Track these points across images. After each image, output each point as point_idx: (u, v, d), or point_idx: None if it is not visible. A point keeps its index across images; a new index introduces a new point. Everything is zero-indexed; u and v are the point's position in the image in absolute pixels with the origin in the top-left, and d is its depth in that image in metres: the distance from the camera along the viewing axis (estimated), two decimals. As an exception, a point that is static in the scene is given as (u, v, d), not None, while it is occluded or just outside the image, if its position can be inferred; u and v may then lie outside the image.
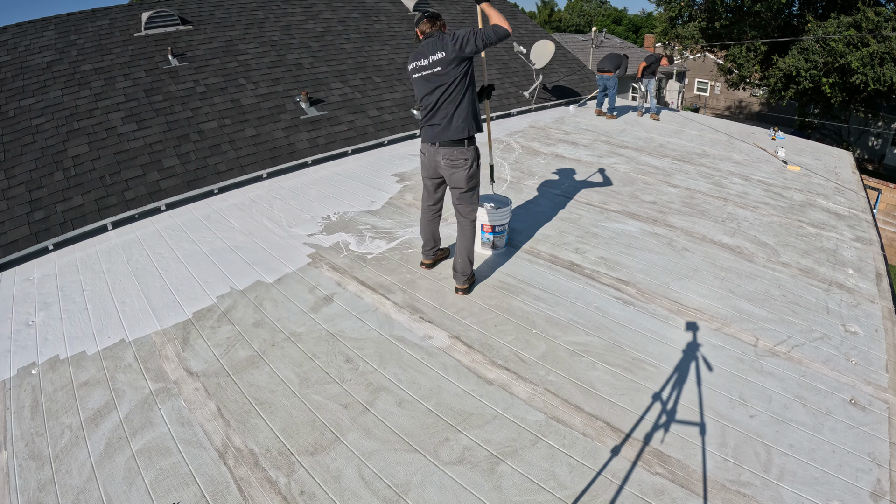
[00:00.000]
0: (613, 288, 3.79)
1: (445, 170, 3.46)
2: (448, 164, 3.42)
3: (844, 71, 15.68)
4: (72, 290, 3.90)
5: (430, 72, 3.31)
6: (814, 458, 2.37)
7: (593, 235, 4.64)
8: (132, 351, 3.16)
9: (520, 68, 10.87)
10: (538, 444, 2.44)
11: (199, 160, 5.92)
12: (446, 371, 2.94)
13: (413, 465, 2.33)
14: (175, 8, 8.19)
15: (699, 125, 9.79)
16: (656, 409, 2.65)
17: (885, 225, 13.14)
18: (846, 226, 5.18)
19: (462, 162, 3.40)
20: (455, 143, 3.36)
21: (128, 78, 6.63)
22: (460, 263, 3.63)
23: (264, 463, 2.35)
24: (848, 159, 8.18)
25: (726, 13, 19.23)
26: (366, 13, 10.32)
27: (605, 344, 3.16)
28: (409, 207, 5.18)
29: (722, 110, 32.31)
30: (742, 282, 3.93)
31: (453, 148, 3.37)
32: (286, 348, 3.15)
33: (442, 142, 3.37)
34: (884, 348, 3.22)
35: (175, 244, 4.56)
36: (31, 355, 3.18)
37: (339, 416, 2.62)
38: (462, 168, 3.41)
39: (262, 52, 8.04)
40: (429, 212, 3.80)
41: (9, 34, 6.89)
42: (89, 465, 2.36)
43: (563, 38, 29.02)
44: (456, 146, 3.36)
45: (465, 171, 3.42)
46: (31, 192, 4.96)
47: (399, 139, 7.61)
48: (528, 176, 6.20)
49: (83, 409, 2.71)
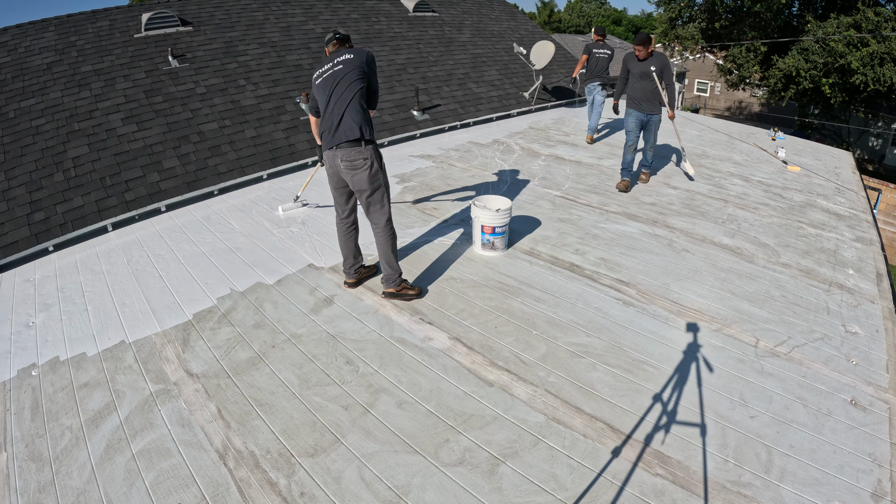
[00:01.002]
0: (614, 289, 3.79)
1: (346, 173, 3.33)
2: (347, 166, 3.30)
3: (844, 71, 15.68)
4: (72, 292, 3.90)
5: (329, 73, 3.31)
6: (814, 458, 2.37)
7: (593, 237, 4.64)
8: (132, 352, 3.16)
9: (520, 69, 10.87)
10: (539, 445, 2.44)
11: (200, 161, 5.92)
12: (446, 372, 2.94)
13: (413, 466, 2.33)
14: (175, 9, 8.19)
15: (699, 125, 9.79)
16: (657, 411, 2.65)
17: (885, 225, 13.13)
18: (846, 226, 5.17)
19: (361, 162, 3.28)
20: (352, 144, 3.26)
21: (128, 79, 6.63)
22: (384, 269, 3.57)
23: (265, 464, 2.35)
24: (848, 159, 8.18)
25: (726, 14, 19.23)
26: (366, 14, 10.32)
27: (605, 345, 3.16)
28: (410, 208, 5.18)
29: (722, 111, 32.31)
30: (742, 283, 3.92)
31: (350, 148, 3.26)
32: (286, 350, 3.15)
33: (338, 144, 3.27)
34: (884, 348, 3.22)
35: (175, 245, 4.55)
36: (31, 356, 3.18)
37: (340, 417, 2.62)
38: (362, 169, 3.29)
39: (262, 53, 8.04)
40: (343, 225, 3.66)
41: (9, 35, 6.89)
42: (89, 467, 2.36)
43: (563, 38, 29.04)
44: (353, 146, 3.26)
45: (365, 171, 3.29)
46: (32, 194, 4.96)
47: (399, 140, 7.61)
48: (529, 177, 6.20)
49: (83, 411, 2.71)
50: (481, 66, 10.41)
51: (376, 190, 3.37)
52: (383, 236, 3.48)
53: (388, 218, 3.47)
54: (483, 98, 9.40)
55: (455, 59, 10.23)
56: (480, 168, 6.48)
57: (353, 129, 3.25)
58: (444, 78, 9.45)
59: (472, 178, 6.10)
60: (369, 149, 3.29)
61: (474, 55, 10.67)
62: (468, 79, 9.76)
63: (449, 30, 11.15)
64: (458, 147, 7.41)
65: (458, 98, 9.05)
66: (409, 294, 3.62)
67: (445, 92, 9.07)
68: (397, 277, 3.57)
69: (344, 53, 3.33)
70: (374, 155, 3.32)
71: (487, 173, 6.30)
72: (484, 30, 11.89)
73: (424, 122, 8.08)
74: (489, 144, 7.61)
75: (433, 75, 9.39)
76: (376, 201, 3.41)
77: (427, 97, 8.67)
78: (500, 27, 12.42)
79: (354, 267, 3.78)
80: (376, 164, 3.33)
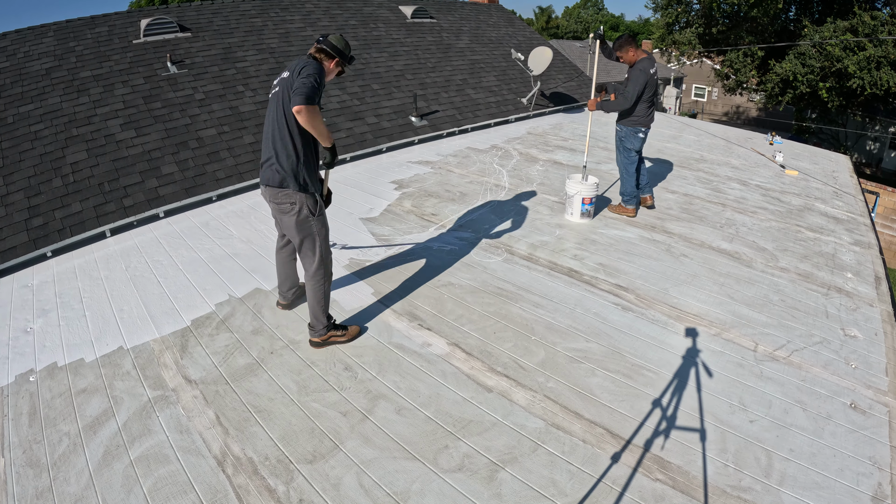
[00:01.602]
0: (612, 294, 3.79)
1: (276, 215, 3.05)
2: (274, 208, 2.99)
3: (841, 75, 15.76)
4: (70, 297, 3.89)
5: (273, 91, 2.92)
6: (814, 462, 2.37)
7: (592, 242, 4.64)
8: (130, 358, 3.15)
9: (518, 75, 10.91)
10: (538, 451, 2.44)
11: (198, 167, 5.92)
12: (445, 378, 2.93)
13: (412, 472, 2.32)
14: (174, 15, 8.21)
15: (697, 130, 9.82)
16: (656, 416, 2.65)
17: (883, 228, 13.17)
18: (844, 230, 5.18)
19: (288, 207, 2.93)
20: (279, 187, 2.89)
21: (126, 85, 6.64)
22: (310, 317, 3.17)
23: (263, 471, 2.34)
24: (846, 163, 8.20)
25: (723, 19, 19.34)
26: (364, 20, 10.36)
27: (604, 350, 3.16)
28: (408, 214, 5.18)
29: (720, 115, 32.43)
30: (741, 287, 3.93)
31: (277, 189, 2.89)
32: (285, 356, 3.15)
33: (266, 182, 2.92)
34: (883, 352, 3.22)
35: (173, 251, 4.55)
36: (29, 362, 3.17)
37: (338, 423, 2.62)
38: (289, 213, 2.94)
39: (260, 59, 8.05)
40: (281, 254, 3.39)
41: (8, 40, 6.90)
42: (87, 473, 2.35)
43: (560, 44, 29.13)
44: (281, 188, 2.89)
45: (292, 216, 2.95)
46: (30, 199, 4.95)
47: (397, 146, 7.62)
48: (527, 182, 6.21)
49: (81, 417, 2.70)
50: (479, 72, 10.44)
51: (305, 238, 3.03)
52: (311, 284, 3.09)
53: (317, 266, 3.08)
54: (481, 104, 9.42)
55: (453, 65, 10.26)
56: (479, 174, 6.48)
57: (275, 175, 2.87)
58: (442, 84, 9.48)
59: (471, 183, 6.11)
60: (299, 194, 2.90)
61: (472, 61, 10.70)
62: (466, 85, 9.78)
63: (447, 36, 11.18)
64: (457, 153, 7.42)
65: (457, 104, 9.07)
66: (339, 339, 3.23)
67: (444, 98, 9.09)
68: (322, 329, 3.17)
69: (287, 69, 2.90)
70: (305, 200, 2.93)
71: (486, 179, 6.31)
72: (482, 36, 11.93)
73: (423, 128, 8.09)
74: (487, 150, 7.62)
75: (431, 81, 9.41)
76: (306, 249, 3.06)
77: (425, 103, 8.69)
78: (498, 33, 12.46)
79: (291, 290, 3.56)
80: (305, 210, 2.95)
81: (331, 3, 10.58)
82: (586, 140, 5.31)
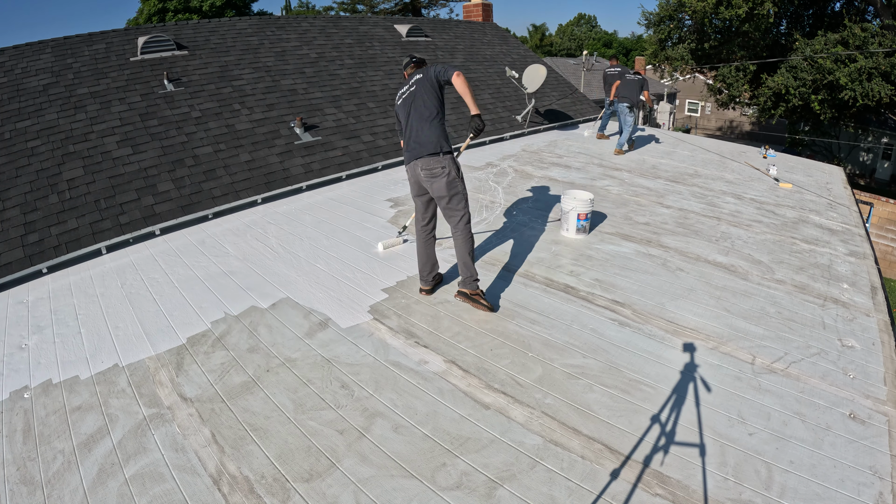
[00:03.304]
0: (609, 310, 3.79)
1: (427, 181, 3.64)
2: (427, 174, 3.61)
3: (833, 87, 15.93)
4: (65, 314, 3.87)
5: (408, 93, 3.69)
6: (815, 473, 2.35)
7: (588, 258, 4.65)
8: (125, 376, 3.13)
9: (512, 93, 11.00)
10: (536, 467, 2.42)
11: (194, 185, 5.93)
12: (442, 396, 2.92)
13: (410, 490, 2.30)
14: (171, 33, 8.28)
15: (691, 146, 9.89)
16: (655, 430, 2.63)
17: (877, 238, 13.23)
18: (839, 241, 5.21)
19: (440, 170, 3.58)
20: (431, 154, 3.58)
21: (123, 102, 6.67)
22: (461, 271, 3.75)
23: (259, 490, 2.31)
24: (839, 175, 8.26)
25: (715, 34, 19.57)
26: (360, 39, 10.46)
27: (601, 366, 3.15)
28: (404, 232, 5.18)
29: (713, 130, 32.68)
30: (737, 300, 3.93)
31: (429, 158, 3.58)
32: (281, 374, 3.13)
33: (419, 156, 3.61)
34: (881, 361, 3.22)
35: (169, 269, 4.54)
36: (23, 379, 3.14)
37: (335, 442, 2.59)
38: (440, 176, 3.59)
39: (256, 77, 8.11)
40: (423, 233, 3.88)
41: (5, 56, 6.94)
42: (81, 491, 2.32)
43: (554, 62, 29.41)
44: (432, 156, 3.58)
45: (443, 178, 3.59)
46: (26, 215, 4.95)
47: (392, 164, 7.65)
48: (522, 200, 6.23)
49: (76, 434, 2.67)
50: (474, 89, 10.52)
51: (454, 196, 3.64)
52: (461, 238, 3.67)
53: (466, 221, 3.68)
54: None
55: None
56: (474, 191, 6.51)
57: (431, 142, 3.59)
58: (437, 100, 9.53)
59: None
60: (447, 158, 3.60)
61: (467, 79, 10.77)
62: (461, 103, 9.85)
63: (442, 54, 11.29)
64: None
65: (452, 122, 9.13)
66: (482, 304, 3.72)
67: (439, 114, 9.14)
68: (472, 281, 3.72)
69: (416, 75, 3.69)
70: (452, 164, 3.62)
71: (481, 196, 6.33)
72: (476, 54, 12.05)
73: (419, 144, 8.12)
74: (483, 167, 7.66)
75: (427, 97, 9.46)
76: (454, 204, 3.65)
77: (421, 119, 8.73)
78: (493, 51, 12.59)
79: (432, 274, 3.96)
80: (453, 172, 3.62)
81: (326, 22, 10.69)
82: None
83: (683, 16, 19.52)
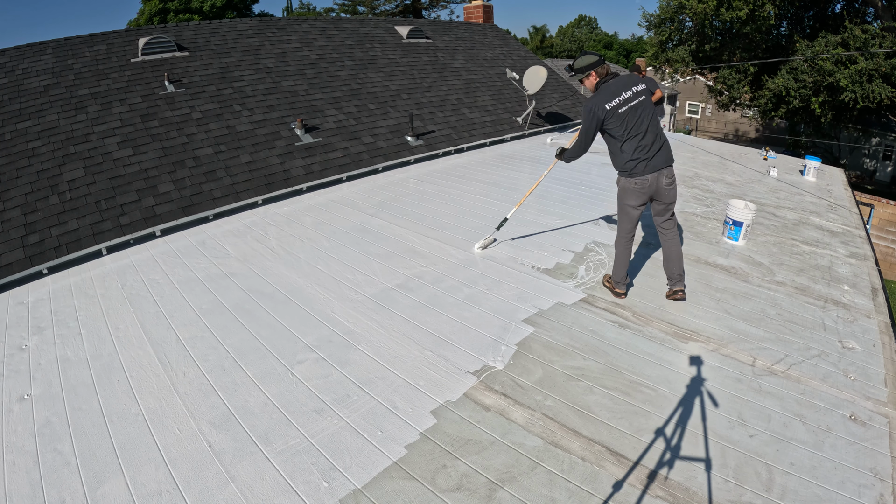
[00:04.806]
0: (609, 311, 3.79)
1: (666, 188, 3.66)
2: (670, 182, 3.66)
3: (833, 89, 15.91)
4: (66, 315, 3.87)
5: (637, 101, 3.55)
6: (815, 475, 2.35)
7: (588, 259, 4.64)
8: (125, 375, 3.12)
9: (513, 94, 11.00)
10: (537, 469, 2.41)
11: (195, 186, 5.93)
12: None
13: (410, 492, 2.30)
14: (172, 34, 8.29)
15: (692, 148, 9.89)
16: (655, 432, 2.63)
17: (878, 240, 13.22)
18: (840, 242, 5.20)
19: (674, 178, 3.71)
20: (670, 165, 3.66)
21: (124, 103, 6.67)
22: (679, 266, 3.84)
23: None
24: (840, 176, 8.26)
25: (716, 36, 19.56)
26: (360, 41, 10.46)
27: (602, 368, 3.15)
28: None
29: (714, 132, 32.67)
30: (738, 302, 3.93)
31: (671, 167, 3.67)
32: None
33: (667, 165, 3.63)
34: (882, 363, 3.22)
35: (170, 270, 4.54)
36: (23, 379, 3.14)
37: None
38: (675, 184, 3.73)
39: (257, 78, 8.11)
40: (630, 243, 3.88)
41: (6, 57, 6.94)
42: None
43: (555, 63, 29.42)
44: (671, 166, 3.66)
45: (675, 185, 3.73)
46: (27, 216, 4.95)
47: (393, 166, 7.65)
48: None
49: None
50: (475, 91, 10.53)
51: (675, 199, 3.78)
52: (678, 239, 3.86)
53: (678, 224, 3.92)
54: (477, 123, 9.48)
55: (449, 84, 10.34)
56: (476, 193, 6.50)
57: (670, 154, 3.66)
58: (437, 103, 9.55)
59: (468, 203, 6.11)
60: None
61: (468, 81, 10.79)
62: (462, 104, 9.86)
63: (442, 56, 11.29)
64: (452, 172, 7.44)
65: (452, 123, 9.14)
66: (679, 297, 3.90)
67: (439, 117, 9.15)
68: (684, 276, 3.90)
69: (634, 84, 3.58)
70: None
71: (483, 198, 6.33)
72: (477, 55, 12.05)
73: (418, 148, 8.13)
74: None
75: (427, 101, 9.48)
76: (672, 208, 3.80)
77: (421, 123, 8.74)
78: (493, 53, 12.59)
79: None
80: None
81: (327, 23, 10.70)
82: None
83: (684, 17, 19.51)
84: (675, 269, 3.82)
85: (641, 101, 3.55)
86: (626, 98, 3.53)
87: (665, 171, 3.61)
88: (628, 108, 3.53)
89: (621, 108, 3.52)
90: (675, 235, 3.82)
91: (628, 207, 3.73)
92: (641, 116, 3.54)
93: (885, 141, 22.14)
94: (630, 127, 3.54)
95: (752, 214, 4.93)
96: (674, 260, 3.81)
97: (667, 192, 3.67)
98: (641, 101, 3.55)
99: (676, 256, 3.80)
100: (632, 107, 3.53)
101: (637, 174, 3.59)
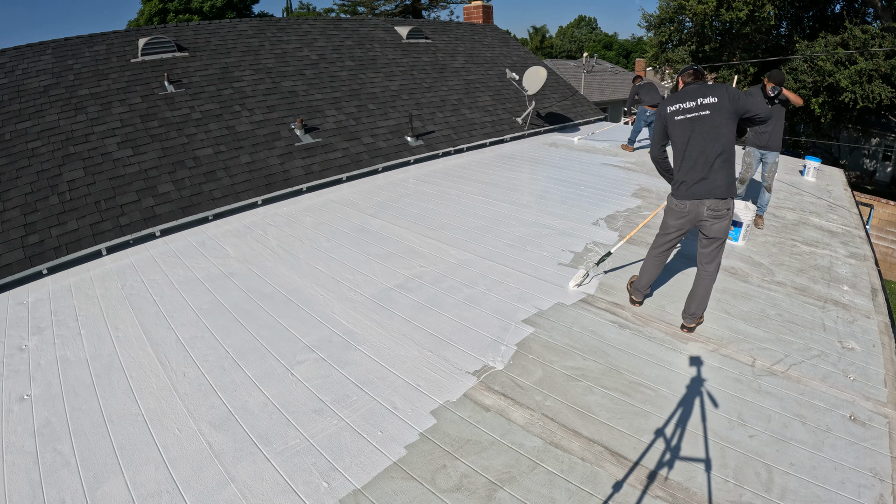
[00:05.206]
0: (609, 312, 3.79)
1: (707, 221, 3.26)
2: (712, 215, 3.22)
3: (833, 89, 15.92)
4: (65, 315, 3.87)
5: (696, 115, 3.19)
6: (815, 475, 2.35)
7: (588, 259, 4.64)
8: (125, 376, 3.12)
9: (513, 94, 11.00)
10: (536, 469, 2.41)
11: (194, 186, 5.93)
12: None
13: (410, 493, 2.30)
14: (172, 35, 8.28)
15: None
16: (655, 433, 2.63)
17: (877, 240, 13.21)
18: (840, 243, 5.20)
19: (725, 212, 3.22)
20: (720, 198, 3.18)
21: (124, 103, 6.67)
22: (696, 307, 3.44)
23: (259, 491, 2.31)
24: (839, 177, 8.26)
25: (716, 36, 19.58)
26: (360, 41, 10.46)
27: (601, 368, 3.15)
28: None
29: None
30: (737, 302, 3.93)
31: (722, 200, 3.19)
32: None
33: (709, 196, 3.19)
34: (881, 363, 3.22)
35: (169, 270, 4.54)
36: (23, 380, 3.14)
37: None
38: (724, 218, 3.24)
39: (257, 79, 8.11)
40: (660, 257, 3.63)
41: (6, 57, 6.94)
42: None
43: (554, 63, 29.40)
44: (720, 200, 3.19)
45: (726, 220, 3.24)
46: (26, 216, 4.95)
47: (393, 166, 7.65)
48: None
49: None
50: (474, 91, 10.53)
51: (725, 238, 3.32)
52: (713, 276, 3.41)
53: (718, 264, 3.40)
54: (476, 123, 9.48)
55: (448, 84, 10.35)
56: (475, 194, 6.51)
57: (723, 188, 3.17)
58: (437, 104, 9.55)
59: (467, 203, 6.12)
60: (732, 202, 3.24)
61: (467, 81, 10.79)
62: (461, 104, 9.86)
63: (442, 56, 11.29)
64: (452, 173, 7.44)
65: (452, 124, 9.14)
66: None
67: (439, 118, 9.15)
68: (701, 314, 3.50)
69: (708, 94, 3.19)
70: (733, 207, 3.27)
71: (483, 198, 6.33)
72: (477, 56, 12.05)
73: (418, 148, 8.13)
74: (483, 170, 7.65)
75: (427, 101, 9.48)
76: (720, 245, 3.33)
77: (421, 123, 8.74)
78: (493, 53, 12.59)
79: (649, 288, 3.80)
80: (732, 213, 3.28)
81: (327, 23, 10.70)
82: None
83: (684, 18, 19.53)
84: (694, 306, 3.45)
85: (703, 115, 3.17)
86: (685, 108, 3.23)
87: (709, 202, 3.19)
88: (684, 118, 3.23)
89: (678, 115, 3.26)
90: (709, 275, 3.40)
91: (666, 223, 3.47)
92: (695, 132, 3.20)
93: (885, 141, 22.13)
94: (680, 140, 3.27)
95: (752, 215, 4.93)
96: (696, 298, 3.43)
97: (709, 226, 3.27)
98: (702, 116, 3.17)
99: (700, 296, 3.42)
100: (688, 119, 3.22)
101: (678, 196, 3.31)
